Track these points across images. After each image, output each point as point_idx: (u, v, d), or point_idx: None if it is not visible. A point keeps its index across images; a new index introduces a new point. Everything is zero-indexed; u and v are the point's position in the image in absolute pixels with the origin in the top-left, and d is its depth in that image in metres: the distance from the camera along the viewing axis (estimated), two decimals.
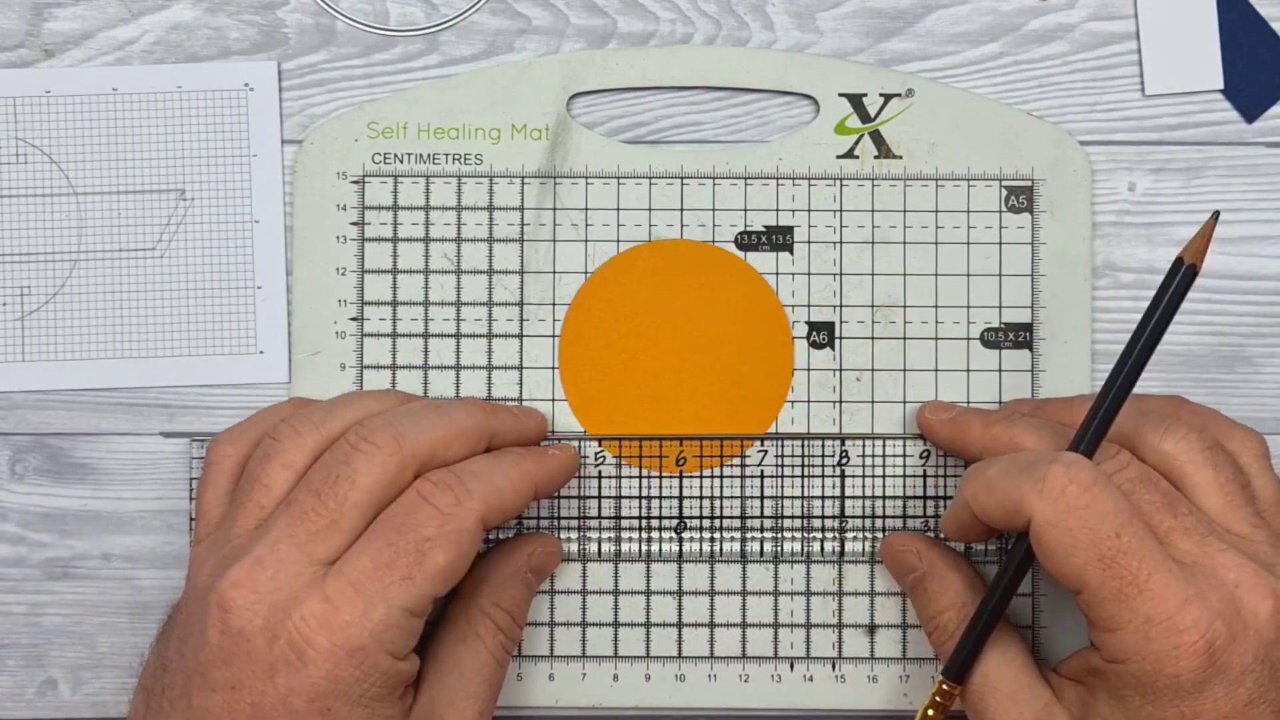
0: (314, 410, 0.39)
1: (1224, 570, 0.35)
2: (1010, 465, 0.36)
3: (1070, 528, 0.34)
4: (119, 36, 0.44)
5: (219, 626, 0.35)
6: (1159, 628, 0.34)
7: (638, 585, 0.43)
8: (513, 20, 0.44)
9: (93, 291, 0.43)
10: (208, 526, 0.39)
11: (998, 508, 0.36)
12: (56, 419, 0.44)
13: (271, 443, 0.38)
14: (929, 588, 0.40)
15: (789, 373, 0.43)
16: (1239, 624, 0.34)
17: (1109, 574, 0.34)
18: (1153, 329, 0.36)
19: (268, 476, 0.37)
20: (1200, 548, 0.35)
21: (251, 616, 0.34)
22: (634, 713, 0.44)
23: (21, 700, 0.44)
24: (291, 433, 0.38)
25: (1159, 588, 0.34)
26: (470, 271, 0.44)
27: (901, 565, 0.42)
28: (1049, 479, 0.35)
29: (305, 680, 0.34)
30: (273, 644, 0.34)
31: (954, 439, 0.41)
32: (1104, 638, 0.35)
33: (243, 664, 0.34)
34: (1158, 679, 0.34)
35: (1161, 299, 0.36)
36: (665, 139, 0.44)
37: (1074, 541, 0.34)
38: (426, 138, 0.44)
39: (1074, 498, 0.34)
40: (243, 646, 0.34)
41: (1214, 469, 0.37)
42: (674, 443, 0.43)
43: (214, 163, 0.44)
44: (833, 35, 0.44)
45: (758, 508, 0.43)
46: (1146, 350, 0.36)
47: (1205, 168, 0.44)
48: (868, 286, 0.44)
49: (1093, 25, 0.44)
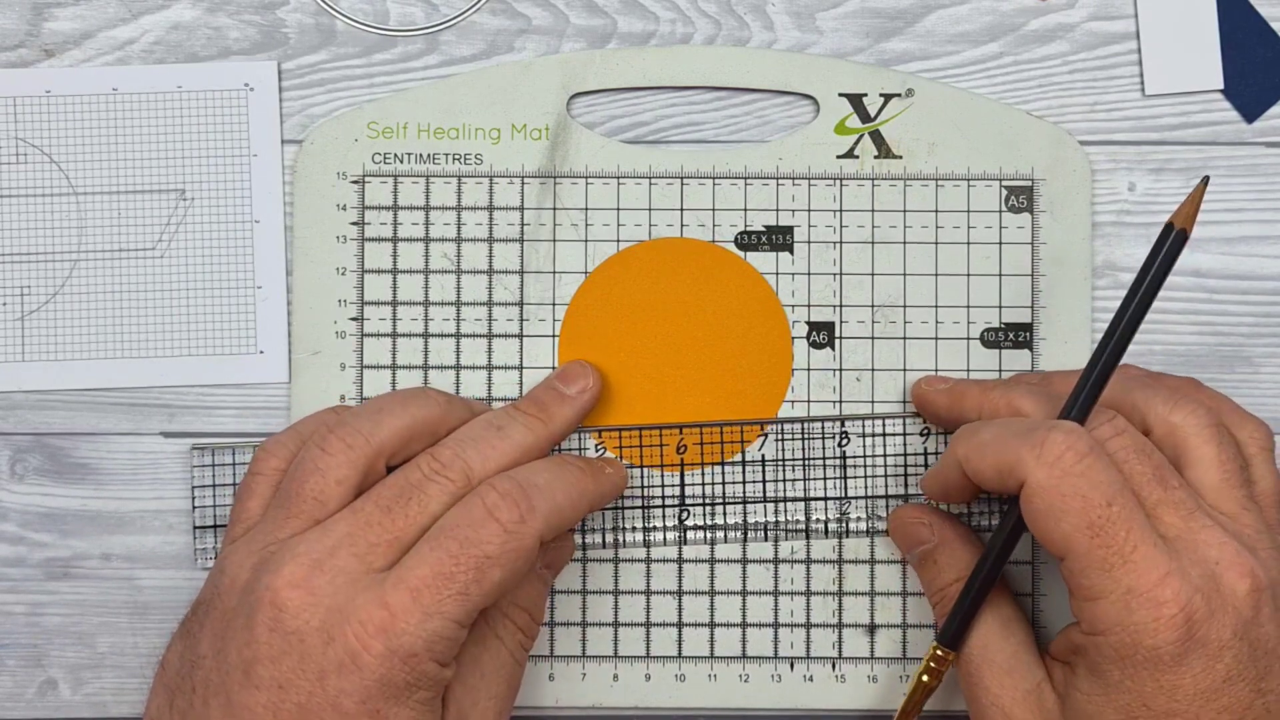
0: (361, 420, 0.39)
1: (1206, 546, 0.35)
2: (1006, 429, 0.37)
3: (1063, 493, 0.35)
4: (119, 36, 0.44)
5: (269, 625, 0.35)
6: (1139, 599, 0.34)
7: (638, 585, 0.43)
8: (513, 20, 0.44)
9: (93, 291, 0.43)
10: (244, 529, 0.39)
11: (991, 469, 0.36)
12: (56, 419, 0.44)
13: (321, 455, 0.38)
14: (939, 559, 0.41)
15: (789, 371, 0.43)
16: (1218, 599, 0.34)
17: (1095, 542, 0.34)
18: (1144, 294, 0.37)
19: (322, 491, 0.37)
20: (1185, 522, 0.35)
21: (309, 618, 0.35)
22: (634, 713, 0.44)
23: (21, 700, 0.44)
24: (343, 446, 0.38)
25: (1142, 560, 0.34)
26: (470, 271, 0.44)
27: (911, 537, 0.42)
28: (1048, 444, 0.35)
29: (358, 683, 0.34)
30: (327, 646, 0.34)
31: (950, 407, 0.41)
32: (1085, 607, 0.35)
33: (293, 664, 0.34)
34: (1136, 651, 0.34)
35: (1152, 263, 0.37)
36: (665, 139, 0.44)
37: (1065, 507, 0.35)
38: (426, 138, 0.44)
39: (1070, 464, 0.35)
40: (295, 646, 0.35)
41: (1217, 445, 0.37)
42: (674, 431, 0.43)
43: (214, 163, 0.44)
44: (833, 35, 0.44)
45: (759, 492, 0.43)
46: (1137, 315, 0.37)
47: (1205, 168, 0.44)
48: (868, 286, 0.44)
49: (1093, 25, 0.44)
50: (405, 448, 0.39)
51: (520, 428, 0.40)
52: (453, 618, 0.35)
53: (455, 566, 0.35)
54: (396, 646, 0.34)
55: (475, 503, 0.36)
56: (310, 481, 0.37)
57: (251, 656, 0.35)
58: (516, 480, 0.37)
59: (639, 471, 0.43)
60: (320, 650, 0.34)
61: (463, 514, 0.36)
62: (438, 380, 0.43)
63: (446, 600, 0.35)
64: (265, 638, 0.35)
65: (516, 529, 0.36)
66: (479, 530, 0.36)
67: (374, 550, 0.36)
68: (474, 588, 0.35)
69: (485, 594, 0.36)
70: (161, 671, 0.38)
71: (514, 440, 0.39)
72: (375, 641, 0.34)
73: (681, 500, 0.43)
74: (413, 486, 0.37)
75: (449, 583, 0.35)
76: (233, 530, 0.39)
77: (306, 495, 0.37)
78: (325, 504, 0.37)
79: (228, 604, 0.36)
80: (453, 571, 0.35)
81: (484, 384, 0.43)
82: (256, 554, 0.37)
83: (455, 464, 0.38)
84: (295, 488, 0.38)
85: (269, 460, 0.40)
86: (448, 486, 0.37)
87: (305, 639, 0.35)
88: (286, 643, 0.35)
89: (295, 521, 0.37)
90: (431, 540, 0.36)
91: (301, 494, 0.37)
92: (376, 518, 0.36)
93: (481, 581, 0.35)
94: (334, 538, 0.36)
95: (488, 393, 0.43)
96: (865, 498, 0.43)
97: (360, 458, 0.38)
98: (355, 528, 0.36)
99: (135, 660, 0.44)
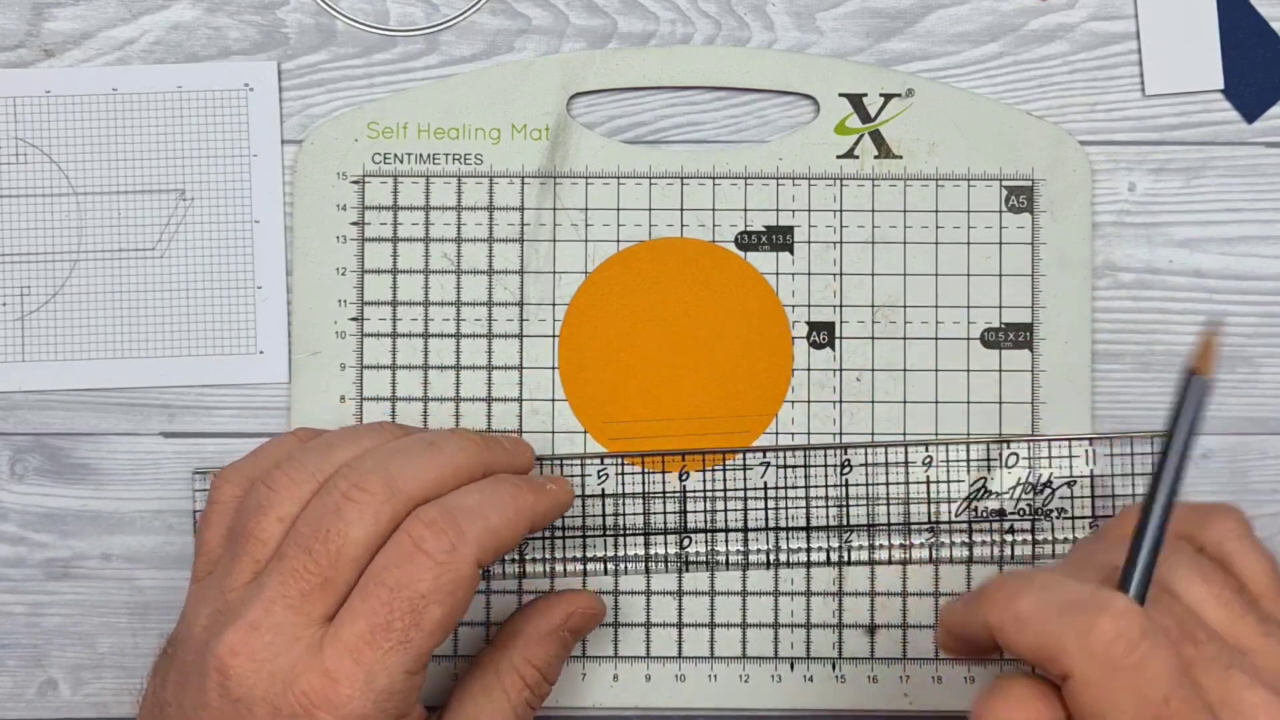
0: (310, 454, 0.37)
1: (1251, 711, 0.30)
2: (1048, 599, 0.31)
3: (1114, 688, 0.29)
4: (119, 36, 0.44)
5: (218, 691, 0.34)
6: None
7: (638, 585, 0.43)
8: (513, 20, 0.44)
9: (93, 291, 0.43)
10: (208, 565, 0.37)
11: (1030, 650, 0.30)
12: (56, 419, 0.44)
13: (266, 492, 0.36)
14: None
15: (789, 371, 0.43)
16: None
17: None
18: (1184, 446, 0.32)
19: (262, 530, 0.35)
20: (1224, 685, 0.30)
21: (252, 685, 0.33)
22: (634, 713, 0.44)
23: (21, 700, 0.44)
24: (287, 481, 0.36)
25: None
26: (470, 271, 0.44)
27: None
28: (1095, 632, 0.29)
29: None
30: (275, 715, 0.33)
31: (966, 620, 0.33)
32: None
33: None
34: None
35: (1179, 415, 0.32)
36: (665, 139, 0.44)
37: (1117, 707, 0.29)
38: (426, 138, 0.44)
39: (1121, 656, 0.29)
40: (244, 714, 0.33)
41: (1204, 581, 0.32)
42: (676, 458, 0.43)
43: (214, 163, 0.44)
44: (833, 35, 0.44)
45: (760, 502, 0.43)
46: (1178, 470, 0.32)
47: (1205, 168, 0.44)
48: (868, 286, 0.44)
49: (1093, 25, 0.44)
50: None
51: (454, 445, 0.37)
52: (400, 669, 0.33)
53: (390, 615, 0.33)
54: (345, 714, 0.33)
55: (401, 539, 0.34)
56: (253, 520, 0.36)
57: (208, 719, 0.34)
58: (443, 506, 0.35)
59: (641, 473, 0.43)
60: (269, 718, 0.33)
61: (390, 554, 0.34)
62: (438, 380, 0.43)
63: (389, 654, 0.33)
64: (216, 702, 0.34)
65: (448, 559, 0.34)
66: (407, 569, 0.34)
67: (309, 599, 0.34)
68: (414, 633, 0.33)
69: (428, 635, 0.34)
70: (142, 702, 0.37)
71: (445, 455, 0.36)
72: (321, 712, 0.33)
73: (683, 523, 0.43)
74: (329, 514, 0.34)
75: (386, 634, 0.33)
76: (196, 564, 0.38)
77: (251, 535, 0.36)
78: (267, 544, 0.35)
79: (186, 658, 0.35)
80: (388, 621, 0.33)
81: (484, 384, 0.43)
82: (210, 604, 0.36)
83: (374, 475, 0.35)
84: (242, 527, 0.36)
85: (224, 488, 0.38)
86: (367, 504, 0.34)
87: (252, 708, 0.33)
88: (235, 710, 0.33)
89: (243, 564, 0.35)
90: (362, 591, 0.34)
91: (247, 533, 0.36)
92: (300, 561, 0.34)
93: (420, 625, 0.33)
94: (268, 592, 0.34)
95: (488, 393, 0.43)
96: (867, 527, 0.43)
97: (306, 494, 0.36)
98: (284, 578, 0.34)
99: (135, 660, 0.44)
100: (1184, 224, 0.44)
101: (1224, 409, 0.44)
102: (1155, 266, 0.44)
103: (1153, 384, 0.44)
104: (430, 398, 0.43)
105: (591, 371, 0.43)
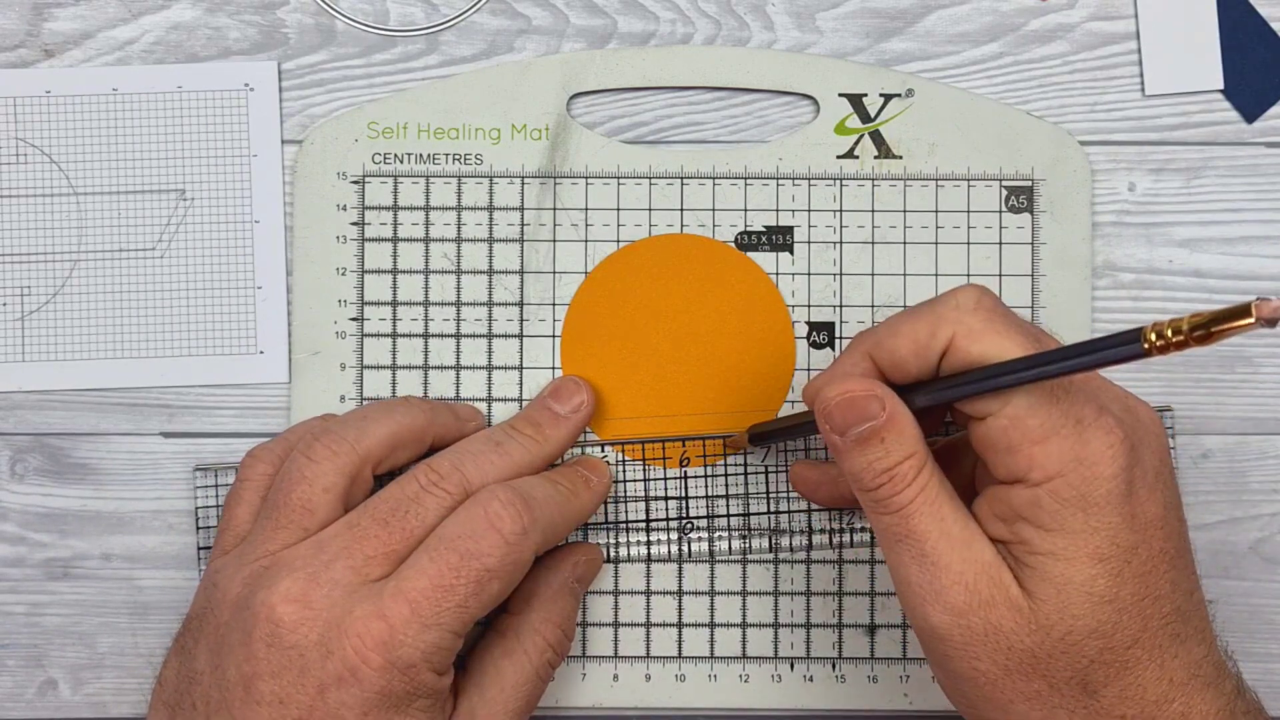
0: (348, 427, 0.39)
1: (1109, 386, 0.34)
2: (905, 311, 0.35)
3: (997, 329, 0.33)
4: (119, 36, 0.44)
5: (267, 640, 0.35)
6: (1091, 428, 0.32)
7: (638, 585, 0.43)
8: (513, 20, 0.44)
9: (93, 291, 0.43)
10: (234, 539, 0.38)
11: (909, 340, 0.34)
12: (56, 419, 0.44)
13: (306, 462, 0.38)
14: (886, 438, 0.34)
15: (790, 368, 0.43)
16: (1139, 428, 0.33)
17: None
18: None
19: (309, 500, 0.37)
20: None
21: (306, 632, 0.35)
22: (634, 713, 0.44)
23: (21, 700, 0.44)
24: (328, 453, 0.38)
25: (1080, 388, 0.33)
26: (470, 271, 0.44)
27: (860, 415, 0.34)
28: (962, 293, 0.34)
29: (358, 695, 0.34)
30: (326, 660, 0.34)
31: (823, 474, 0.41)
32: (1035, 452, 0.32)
33: (293, 678, 0.34)
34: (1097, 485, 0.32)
35: None
36: (665, 139, 0.44)
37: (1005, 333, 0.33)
38: (426, 138, 0.44)
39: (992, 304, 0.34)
40: (294, 661, 0.34)
41: None
42: (677, 444, 0.43)
43: (214, 163, 0.44)
44: (833, 35, 0.44)
45: (761, 492, 0.43)
46: None
47: (1205, 168, 0.44)
48: (868, 286, 0.44)
49: (1093, 25, 0.44)
50: (391, 455, 0.39)
51: (518, 445, 0.40)
52: (450, 629, 0.35)
53: (455, 579, 0.35)
54: (395, 659, 0.34)
55: (477, 512, 0.36)
56: (297, 490, 0.37)
57: (251, 672, 0.35)
58: (518, 491, 0.37)
59: (641, 471, 0.43)
60: (319, 664, 0.34)
61: (464, 524, 0.36)
62: (438, 380, 0.43)
63: (445, 613, 0.35)
64: (263, 653, 0.35)
65: (518, 541, 0.36)
66: (480, 542, 0.36)
67: (370, 563, 0.36)
68: (473, 600, 0.35)
69: (483, 605, 0.36)
70: (159, 688, 0.37)
71: (512, 457, 0.39)
72: (374, 654, 0.34)
73: (684, 511, 0.43)
74: (409, 499, 0.37)
75: (448, 595, 0.35)
76: (222, 540, 0.39)
77: (294, 504, 0.37)
78: (313, 512, 0.37)
79: (221, 619, 0.36)
80: (453, 584, 0.35)
81: (484, 384, 0.43)
82: (248, 567, 0.37)
83: (453, 476, 0.38)
84: (282, 497, 0.37)
85: (256, 466, 0.39)
86: (444, 499, 0.37)
87: (304, 653, 0.34)
88: (285, 658, 0.35)
89: (284, 532, 0.37)
90: (431, 551, 0.36)
91: (289, 503, 0.37)
92: (373, 531, 0.36)
93: (481, 594, 0.35)
94: (330, 551, 0.36)
95: (488, 393, 0.43)
96: None
97: (347, 465, 0.38)
98: (351, 541, 0.36)
99: (135, 660, 0.44)
100: (1184, 224, 0.44)
101: (1224, 409, 0.44)
102: (1155, 266, 0.44)
103: (1153, 384, 0.44)
104: (430, 398, 0.43)
105: (593, 371, 0.43)
